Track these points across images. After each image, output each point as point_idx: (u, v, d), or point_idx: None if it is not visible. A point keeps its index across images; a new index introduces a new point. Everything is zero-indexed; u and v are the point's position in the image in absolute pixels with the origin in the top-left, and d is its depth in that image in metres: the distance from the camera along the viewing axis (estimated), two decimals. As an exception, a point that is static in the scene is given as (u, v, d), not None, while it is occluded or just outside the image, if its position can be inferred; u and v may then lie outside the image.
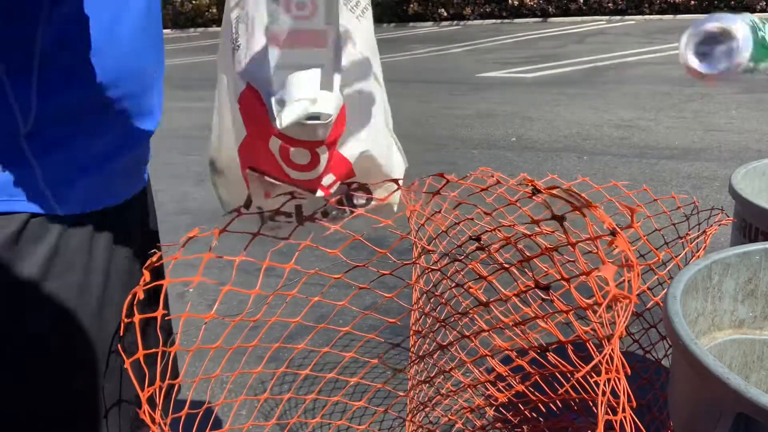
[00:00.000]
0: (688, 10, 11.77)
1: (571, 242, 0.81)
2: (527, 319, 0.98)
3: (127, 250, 0.79)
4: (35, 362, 0.70)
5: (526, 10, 12.85)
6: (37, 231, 0.66)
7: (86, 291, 0.72)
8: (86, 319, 0.72)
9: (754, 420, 0.72)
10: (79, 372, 0.74)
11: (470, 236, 1.07)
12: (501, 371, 1.21)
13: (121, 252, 0.78)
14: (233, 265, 0.85)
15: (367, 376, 1.65)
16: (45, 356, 0.70)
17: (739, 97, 5.39)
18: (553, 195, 0.80)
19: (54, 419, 0.73)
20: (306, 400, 1.66)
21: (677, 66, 0.98)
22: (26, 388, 0.70)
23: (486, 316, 1.46)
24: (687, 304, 0.99)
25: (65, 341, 0.72)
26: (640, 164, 3.92)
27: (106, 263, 0.75)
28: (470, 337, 1.17)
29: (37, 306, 0.69)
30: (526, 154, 4.30)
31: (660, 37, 9.22)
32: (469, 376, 1.61)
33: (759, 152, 3.90)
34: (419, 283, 1.39)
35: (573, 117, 5.17)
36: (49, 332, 0.70)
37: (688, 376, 0.85)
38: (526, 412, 1.28)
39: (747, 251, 1.05)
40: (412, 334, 1.48)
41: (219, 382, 1.15)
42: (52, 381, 0.71)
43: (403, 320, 1.35)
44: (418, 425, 1.51)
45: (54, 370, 0.71)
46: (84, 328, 0.73)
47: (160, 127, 0.84)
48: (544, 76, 7.06)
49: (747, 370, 1.10)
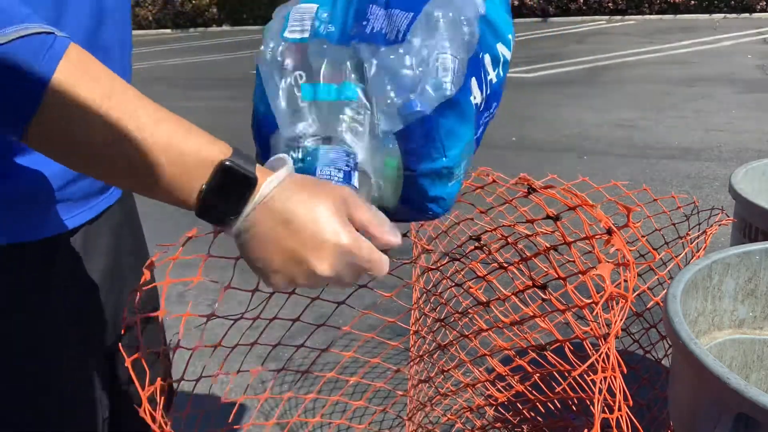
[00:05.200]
0: (688, 10, 11.78)
1: (567, 241, 0.81)
2: (526, 318, 0.98)
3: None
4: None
5: (526, 10, 12.85)
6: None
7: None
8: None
9: (754, 420, 0.72)
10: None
11: (470, 236, 1.07)
12: (500, 371, 1.21)
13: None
14: (233, 265, 0.85)
15: (366, 375, 1.65)
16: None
17: (739, 97, 5.39)
18: (549, 194, 0.80)
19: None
20: (306, 399, 1.66)
21: (677, 66, 0.98)
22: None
23: (486, 316, 1.46)
24: (687, 304, 0.99)
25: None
26: (640, 164, 3.92)
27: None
28: (470, 337, 1.17)
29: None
30: (526, 154, 4.30)
31: (660, 37, 9.22)
32: (469, 376, 1.61)
33: (759, 152, 3.90)
34: (419, 283, 1.39)
35: (573, 117, 5.17)
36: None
37: (688, 376, 0.85)
38: (525, 412, 1.28)
39: (747, 251, 1.05)
40: (411, 333, 1.48)
41: (219, 382, 1.15)
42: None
43: (403, 320, 1.35)
44: (418, 425, 1.51)
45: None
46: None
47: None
48: (544, 76, 7.06)
49: (747, 370, 1.10)
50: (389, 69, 0.63)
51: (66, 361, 0.76)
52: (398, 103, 0.63)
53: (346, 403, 1.70)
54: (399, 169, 0.66)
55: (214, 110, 6.26)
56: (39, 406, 0.74)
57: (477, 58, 0.69)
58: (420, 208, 0.69)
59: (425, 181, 0.67)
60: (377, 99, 0.64)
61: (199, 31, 16.14)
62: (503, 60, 0.74)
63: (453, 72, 0.64)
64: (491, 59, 0.72)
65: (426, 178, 0.67)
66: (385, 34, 0.65)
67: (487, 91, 0.71)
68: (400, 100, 0.63)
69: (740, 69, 6.49)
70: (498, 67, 0.73)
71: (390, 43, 0.64)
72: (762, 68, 6.48)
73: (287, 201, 0.54)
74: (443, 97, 0.64)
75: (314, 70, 0.66)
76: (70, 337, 0.75)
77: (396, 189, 0.67)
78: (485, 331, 1.10)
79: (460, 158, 0.68)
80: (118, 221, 0.85)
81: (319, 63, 0.65)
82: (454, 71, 0.65)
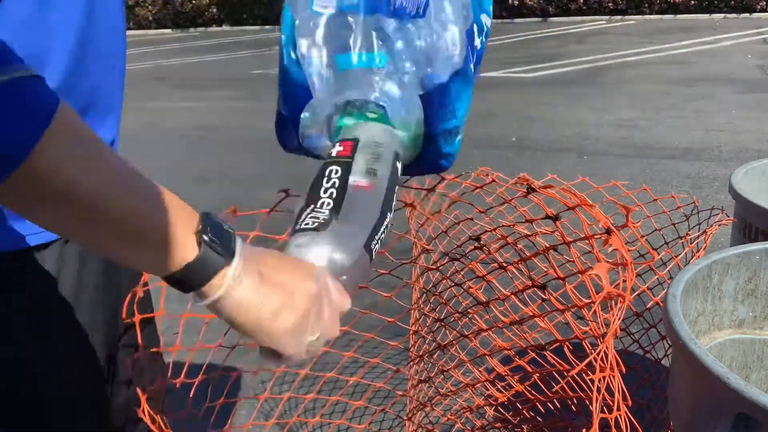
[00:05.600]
0: (688, 10, 11.78)
1: (566, 241, 0.81)
2: (526, 318, 0.98)
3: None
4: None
5: (526, 10, 12.85)
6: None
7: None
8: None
9: (754, 420, 0.72)
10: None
11: (470, 236, 1.07)
12: (500, 371, 1.21)
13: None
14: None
15: (366, 375, 1.65)
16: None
17: (739, 97, 5.39)
18: (548, 194, 0.80)
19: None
20: (306, 399, 1.66)
21: (677, 66, 0.98)
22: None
23: (486, 316, 1.46)
24: (687, 304, 0.99)
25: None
26: (640, 164, 3.92)
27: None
28: (470, 337, 1.17)
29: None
30: (526, 154, 4.30)
31: (660, 37, 9.22)
32: (469, 376, 1.61)
33: (759, 152, 3.90)
34: (419, 283, 1.39)
35: (573, 117, 5.17)
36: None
37: (688, 376, 0.85)
38: (525, 412, 1.28)
39: (747, 251, 1.05)
40: (411, 333, 1.48)
41: (219, 382, 1.15)
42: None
43: (403, 320, 1.35)
44: (418, 425, 1.51)
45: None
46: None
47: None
48: (544, 76, 7.06)
49: (747, 370, 1.10)
50: (412, 42, 0.71)
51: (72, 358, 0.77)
52: (420, 74, 0.71)
53: (346, 403, 1.70)
54: (421, 129, 0.74)
55: (214, 110, 6.26)
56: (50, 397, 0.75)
57: (471, 28, 0.77)
58: (433, 163, 0.79)
59: (440, 139, 0.75)
60: (402, 68, 0.71)
61: (199, 31, 16.14)
62: (486, 29, 0.82)
63: (460, 44, 0.73)
64: (477, 29, 0.79)
65: (441, 137, 0.75)
66: (407, 8, 0.71)
67: (473, 58, 0.79)
68: (422, 71, 0.71)
69: (740, 69, 6.49)
70: (482, 36, 0.81)
71: (412, 17, 0.71)
72: (762, 68, 6.48)
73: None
74: (455, 67, 0.72)
75: (345, 41, 0.72)
76: (76, 334, 0.76)
77: (416, 147, 0.75)
78: (485, 331, 1.10)
79: (465, 117, 0.78)
80: None
81: (347, 34, 0.71)
82: (461, 43, 0.73)
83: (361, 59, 0.71)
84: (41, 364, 0.73)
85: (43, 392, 0.74)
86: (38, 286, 0.71)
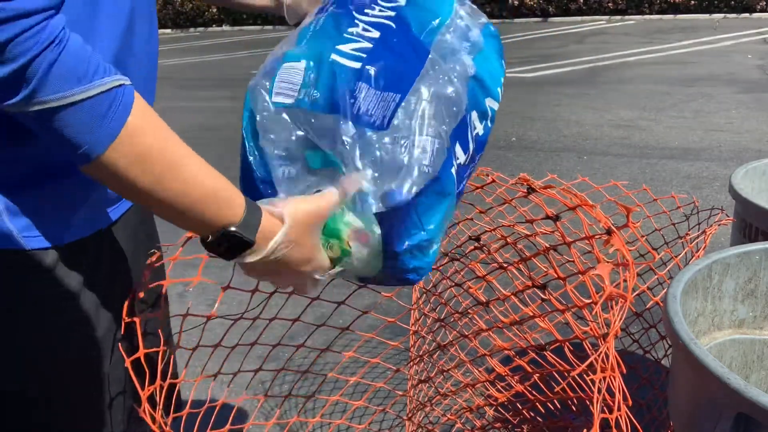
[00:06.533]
0: (688, 10, 11.77)
1: (567, 241, 0.81)
2: (526, 318, 0.98)
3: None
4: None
5: (526, 10, 12.85)
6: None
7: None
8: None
9: (754, 420, 0.72)
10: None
11: (470, 236, 1.07)
12: (500, 371, 1.21)
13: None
14: (233, 264, 0.85)
15: (366, 375, 1.65)
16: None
17: (739, 97, 5.39)
18: (549, 194, 0.80)
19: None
20: (306, 399, 1.66)
21: (677, 66, 0.98)
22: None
23: (486, 316, 1.46)
24: (687, 304, 0.99)
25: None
26: (640, 164, 3.92)
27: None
28: (470, 337, 1.17)
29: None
30: (526, 154, 4.30)
31: (660, 37, 9.22)
32: (469, 376, 1.61)
33: (759, 152, 3.90)
34: (419, 283, 1.39)
35: (573, 117, 5.17)
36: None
37: (688, 376, 0.85)
38: (525, 412, 1.28)
39: (747, 251, 1.05)
40: (411, 333, 1.48)
41: (219, 382, 1.15)
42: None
43: (403, 320, 1.35)
44: (418, 425, 1.51)
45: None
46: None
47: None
48: (544, 76, 7.06)
49: (747, 370, 1.10)
50: (372, 154, 0.64)
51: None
52: (380, 190, 0.65)
53: (346, 403, 1.70)
54: (380, 245, 0.67)
55: (214, 110, 6.26)
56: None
57: (464, 119, 0.70)
58: (400, 279, 0.72)
59: (405, 256, 0.69)
60: (360, 179, 0.65)
61: (199, 31, 16.13)
62: (491, 113, 0.76)
63: (432, 154, 0.66)
64: (478, 115, 0.73)
65: (406, 254, 0.68)
66: (371, 117, 0.65)
67: (472, 146, 0.73)
68: (381, 188, 0.65)
69: (740, 69, 6.49)
70: (485, 120, 0.75)
71: (375, 128, 0.65)
72: (762, 68, 6.48)
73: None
74: (423, 182, 0.65)
75: (303, 139, 0.67)
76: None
77: (377, 262, 0.69)
78: (485, 332, 1.11)
79: (440, 229, 0.70)
80: (138, 216, 0.87)
81: (307, 130, 0.67)
82: (433, 153, 0.66)
83: (314, 158, 0.67)
84: (46, 364, 0.73)
85: (45, 392, 0.74)
86: (48, 283, 0.72)
